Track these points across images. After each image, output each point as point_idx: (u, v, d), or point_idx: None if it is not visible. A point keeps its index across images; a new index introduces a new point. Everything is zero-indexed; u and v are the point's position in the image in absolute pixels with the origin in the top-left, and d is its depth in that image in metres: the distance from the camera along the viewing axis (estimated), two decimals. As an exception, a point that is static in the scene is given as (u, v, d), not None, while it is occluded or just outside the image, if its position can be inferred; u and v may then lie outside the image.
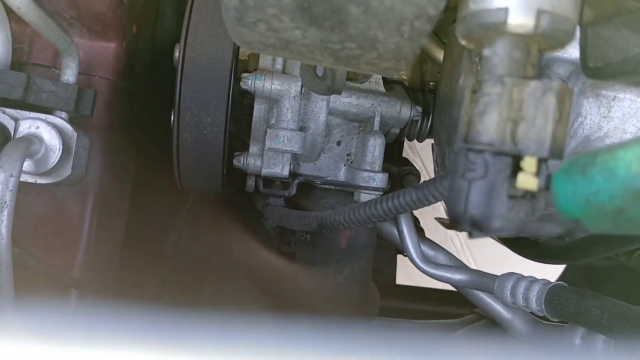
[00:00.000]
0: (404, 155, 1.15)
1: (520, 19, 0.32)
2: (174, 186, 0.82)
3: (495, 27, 0.32)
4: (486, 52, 0.34)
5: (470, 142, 0.34)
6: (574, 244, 0.88)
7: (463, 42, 0.36)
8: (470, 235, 0.36)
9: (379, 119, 0.80)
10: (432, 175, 1.03)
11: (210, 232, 1.09)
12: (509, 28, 0.32)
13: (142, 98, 0.91)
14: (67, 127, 0.70)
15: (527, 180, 0.33)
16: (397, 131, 0.87)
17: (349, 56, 0.39)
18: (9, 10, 0.70)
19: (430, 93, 0.90)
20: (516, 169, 0.34)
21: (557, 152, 0.33)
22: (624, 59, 0.41)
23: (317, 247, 0.88)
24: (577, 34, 0.49)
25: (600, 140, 0.72)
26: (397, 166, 0.96)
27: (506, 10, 0.32)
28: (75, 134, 0.70)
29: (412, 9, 0.33)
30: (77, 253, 0.77)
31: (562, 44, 0.34)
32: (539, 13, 0.31)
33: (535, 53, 0.34)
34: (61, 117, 0.71)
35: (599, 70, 0.44)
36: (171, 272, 1.11)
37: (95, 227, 0.78)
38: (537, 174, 0.33)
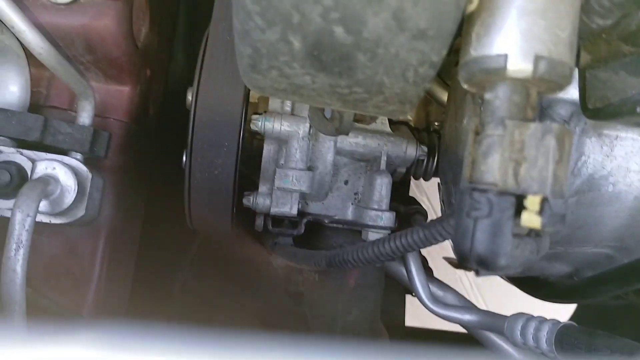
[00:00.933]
0: (411, 194, 1.16)
1: (519, 65, 0.33)
2: (182, 226, 0.83)
3: (495, 73, 0.34)
4: (488, 95, 0.36)
5: (474, 181, 0.35)
6: (583, 283, 0.88)
7: (465, 86, 0.38)
8: (477, 273, 0.37)
9: (385, 158, 0.82)
10: (439, 214, 1.04)
11: (217, 273, 1.10)
12: (509, 73, 0.34)
13: (153, 139, 0.93)
14: (83, 168, 0.72)
15: (531, 218, 0.34)
16: (404, 170, 0.88)
17: (357, 100, 0.41)
18: (29, 55, 0.74)
19: (435, 133, 0.92)
20: (520, 207, 0.35)
21: (558, 191, 0.34)
22: (622, 100, 0.42)
23: (325, 286, 0.88)
24: (576, 75, 0.51)
25: (604, 179, 0.73)
26: (404, 205, 0.97)
27: (505, 56, 0.33)
28: (90, 175, 0.72)
29: (416, 56, 0.34)
30: (87, 294, 0.78)
31: (560, 87, 0.35)
32: (537, 59, 0.33)
33: (534, 96, 0.35)
34: (76, 158, 0.73)
35: (598, 111, 0.45)
36: (177, 313, 1.11)
37: (106, 268, 0.79)
38: (541, 212, 0.34)
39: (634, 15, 0.35)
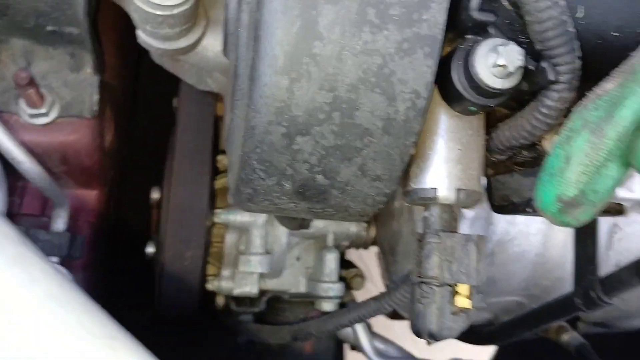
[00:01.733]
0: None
1: (445, 195, 0.48)
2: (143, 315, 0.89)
3: (429, 200, 0.49)
4: (425, 214, 0.50)
5: (421, 276, 0.49)
6: (501, 327, 1.04)
7: (407, 205, 0.52)
8: (429, 343, 0.50)
9: (332, 236, 0.95)
10: (372, 273, 1.17)
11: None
12: (439, 200, 0.48)
13: (112, 233, 1.00)
14: (63, 270, 0.78)
15: (463, 301, 0.48)
16: (347, 243, 1.01)
17: (326, 215, 0.54)
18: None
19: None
20: (454, 293, 0.48)
21: (480, 279, 0.49)
22: (519, 201, 0.58)
23: (285, 355, 0.98)
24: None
25: (510, 242, 0.91)
26: (344, 269, 1.10)
27: (435, 189, 0.48)
28: (71, 276, 0.78)
29: (374, 190, 0.48)
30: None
31: (474, 204, 0.50)
32: (458, 191, 0.48)
33: (457, 213, 0.50)
34: (54, 262, 0.79)
35: (502, 208, 0.61)
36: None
37: None
38: (469, 296, 0.48)
39: (519, 154, 0.51)
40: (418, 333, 0.48)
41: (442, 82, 0.45)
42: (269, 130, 0.42)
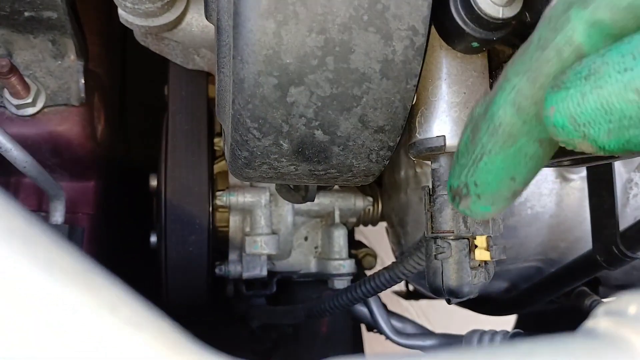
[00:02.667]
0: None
1: (454, 142, 0.45)
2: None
3: (437, 149, 0.45)
4: (434, 165, 0.47)
5: (435, 231, 0.46)
6: (520, 295, 1.01)
7: (414, 160, 0.49)
8: (449, 302, 0.47)
9: (338, 212, 0.92)
10: (385, 252, 1.15)
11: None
12: (447, 149, 0.45)
13: (115, 225, 0.98)
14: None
15: (482, 254, 0.45)
16: (354, 220, 0.98)
17: (330, 178, 0.51)
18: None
19: (375, 184, 1.04)
20: (472, 246, 0.45)
21: (498, 229, 0.46)
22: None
23: (300, 337, 0.95)
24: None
25: (522, 205, 0.88)
26: (354, 249, 1.07)
27: (444, 137, 0.45)
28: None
29: (377, 144, 0.45)
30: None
31: (485, 152, 0.47)
32: (466, 136, 0.45)
33: (468, 161, 0.47)
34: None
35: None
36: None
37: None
38: (488, 248, 0.45)
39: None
40: (436, 291, 0.45)
41: (440, 18, 0.42)
42: (259, 82, 0.39)
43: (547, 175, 0.89)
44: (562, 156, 0.40)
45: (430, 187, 0.47)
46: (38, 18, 0.70)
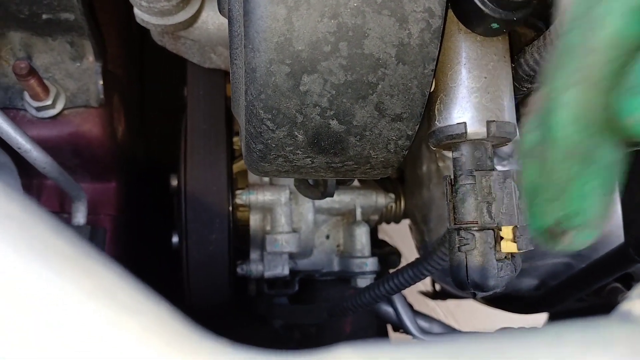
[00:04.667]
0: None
1: (475, 129, 0.43)
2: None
3: (458, 137, 0.44)
4: (455, 154, 0.45)
5: (458, 223, 0.44)
6: (550, 292, 0.98)
7: (434, 149, 0.47)
8: (474, 296, 0.45)
9: (360, 210, 0.90)
10: (409, 250, 1.13)
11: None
12: (469, 136, 0.43)
13: (136, 225, 0.98)
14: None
15: (508, 245, 0.43)
16: (376, 217, 0.97)
17: (348, 170, 0.49)
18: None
19: (397, 180, 1.02)
20: (497, 238, 0.43)
21: (524, 219, 0.44)
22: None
23: (324, 337, 0.94)
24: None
25: None
26: (377, 248, 1.05)
27: (465, 124, 0.43)
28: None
29: (395, 133, 0.43)
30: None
31: (509, 140, 0.45)
32: (488, 123, 0.43)
33: (490, 150, 0.45)
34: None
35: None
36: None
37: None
38: (514, 239, 0.43)
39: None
40: (460, 285, 0.43)
41: (457, 0, 0.41)
42: (272, 71, 0.38)
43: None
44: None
45: (452, 176, 0.45)
46: (56, 20, 0.70)
